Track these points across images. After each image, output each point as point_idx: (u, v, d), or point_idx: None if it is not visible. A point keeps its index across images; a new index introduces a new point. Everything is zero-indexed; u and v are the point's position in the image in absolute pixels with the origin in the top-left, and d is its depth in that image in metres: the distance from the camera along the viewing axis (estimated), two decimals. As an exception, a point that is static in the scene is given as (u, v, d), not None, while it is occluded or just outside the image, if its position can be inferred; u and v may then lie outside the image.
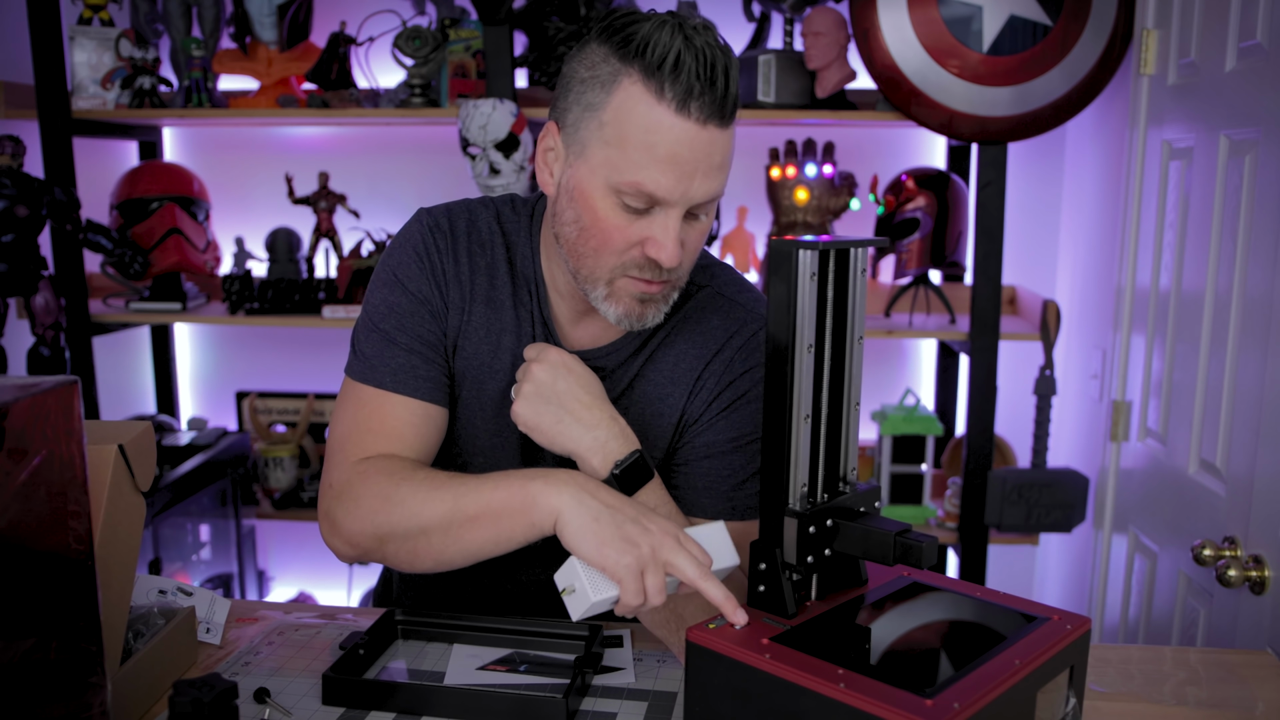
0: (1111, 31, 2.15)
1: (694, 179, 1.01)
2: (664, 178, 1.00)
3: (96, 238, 2.43)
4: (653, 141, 0.99)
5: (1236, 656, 1.22)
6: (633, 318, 1.09)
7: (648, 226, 1.03)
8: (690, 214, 1.05)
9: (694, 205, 1.03)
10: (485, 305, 1.18)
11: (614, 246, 1.05)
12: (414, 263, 1.17)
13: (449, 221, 1.19)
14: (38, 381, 0.79)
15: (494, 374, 1.18)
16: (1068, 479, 2.34)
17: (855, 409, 0.99)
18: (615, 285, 1.07)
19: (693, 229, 1.06)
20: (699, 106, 0.98)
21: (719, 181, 1.03)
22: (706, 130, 0.99)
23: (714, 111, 0.99)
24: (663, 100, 0.98)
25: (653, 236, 1.03)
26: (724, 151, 1.02)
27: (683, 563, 0.95)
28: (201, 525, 2.68)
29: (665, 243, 1.02)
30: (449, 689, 1.05)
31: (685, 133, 0.99)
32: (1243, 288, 1.54)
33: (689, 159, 1.00)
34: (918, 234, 2.41)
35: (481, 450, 1.21)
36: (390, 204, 2.81)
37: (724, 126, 1.01)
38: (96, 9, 2.54)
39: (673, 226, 1.02)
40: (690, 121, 0.99)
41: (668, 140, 0.99)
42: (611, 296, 1.08)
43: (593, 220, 1.04)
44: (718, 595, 0.93)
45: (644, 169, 1.00)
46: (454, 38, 2.43)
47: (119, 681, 0.98)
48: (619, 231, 1.04)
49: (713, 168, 1.01)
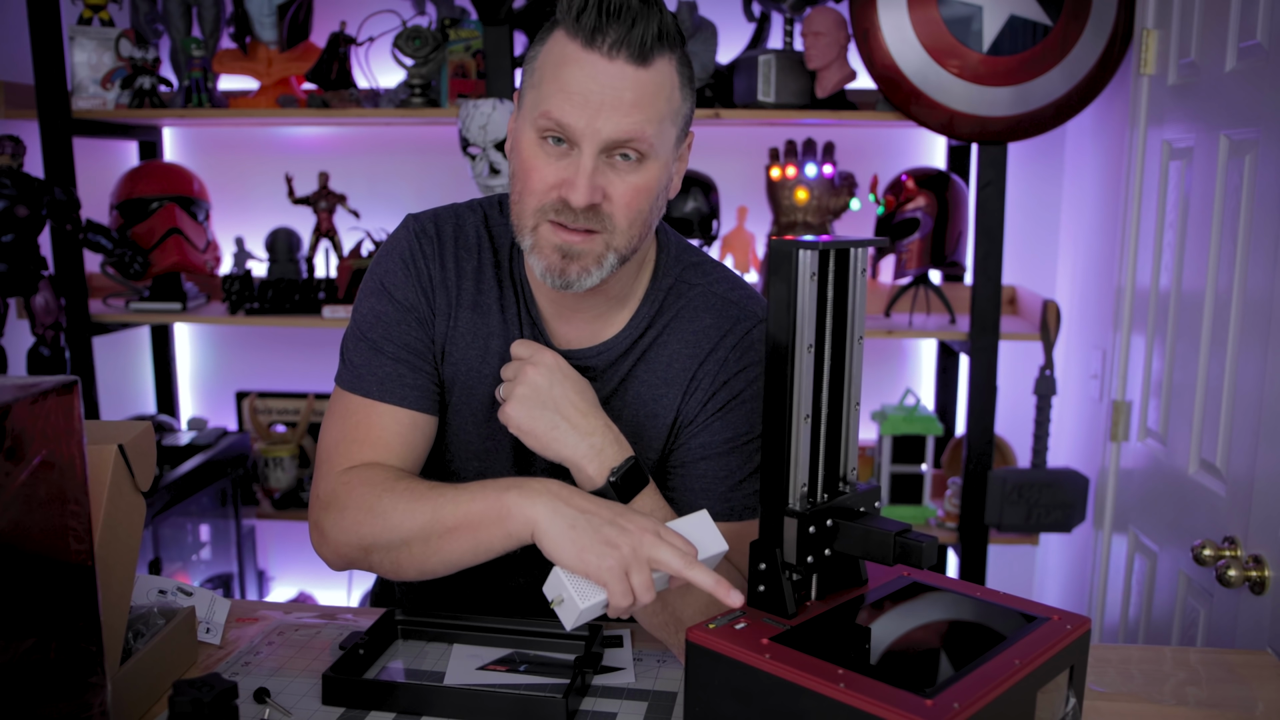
0: (1111, 31, 2.15)
1: (601, 112, 1.01)
2: (571, 107, 1.01)
3: (96, 238, 2.43)
4: (563, 74, 1.02)
5: (1236, 656, 1.22)
6: (554, 273, 1.07)
7: (565, 168, 1.04)
8: (614, 163, 1.04)
9: (607, 144, 1.02)
10: (472, 310, 1.18)
11: (534, 188, 1.05)
12: (400, 270, 1.18)
13: (435, 227, 1.20)
14: (38, 381, 0.79)
15: (483, 379, 1.19)
16: (1068, 479, 2.34)
17: (855, 409, 0.99)
18: (539, 233, 1.07)
19: (620, 180, 1.05)
20: (607, 41, 1.00)
21: (633, 121, 1.02)
22: (615, 64, 1.01)
23: (620, 44, 1.00)
24: (575, 38, 1.02)
25: (566, 177, 1.04)
26: (639, 90, 1.02)
27: (666, 555, 0.95)
28: (201, 525, 2.68)
29: (576, 180, 1.03)
30: (449, 689, 1.05)
31: (593, 65, 1.01)
32: (1243, 288, 1.54)
33: (596, 91, 1.01)
34: (918, 234, 2.41)
35: (474, 455, 1.21)
36: (390, 204, 2.81)
37: (638, 64, 1.01)
38: (96, 9, 2.54)
39: (584, 165, 1.02)
40: (597, 54, 1.01)
41: (577, 73, 1.01)
42: (536, 247, 1.08)
43: (520, 165, 1.07)
44: (707, 581, 0.93)
45: (553, 98, 1.02)
46: (454, 38, 2.43)
47: (119, 681, 0.98)
48: (539, 173, 1.05)
49: (622, 104, 1.01)
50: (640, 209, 1.07)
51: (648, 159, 1.05)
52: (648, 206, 1.07)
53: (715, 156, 2.67)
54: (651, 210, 1.09)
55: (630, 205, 1.06)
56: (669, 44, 1.03)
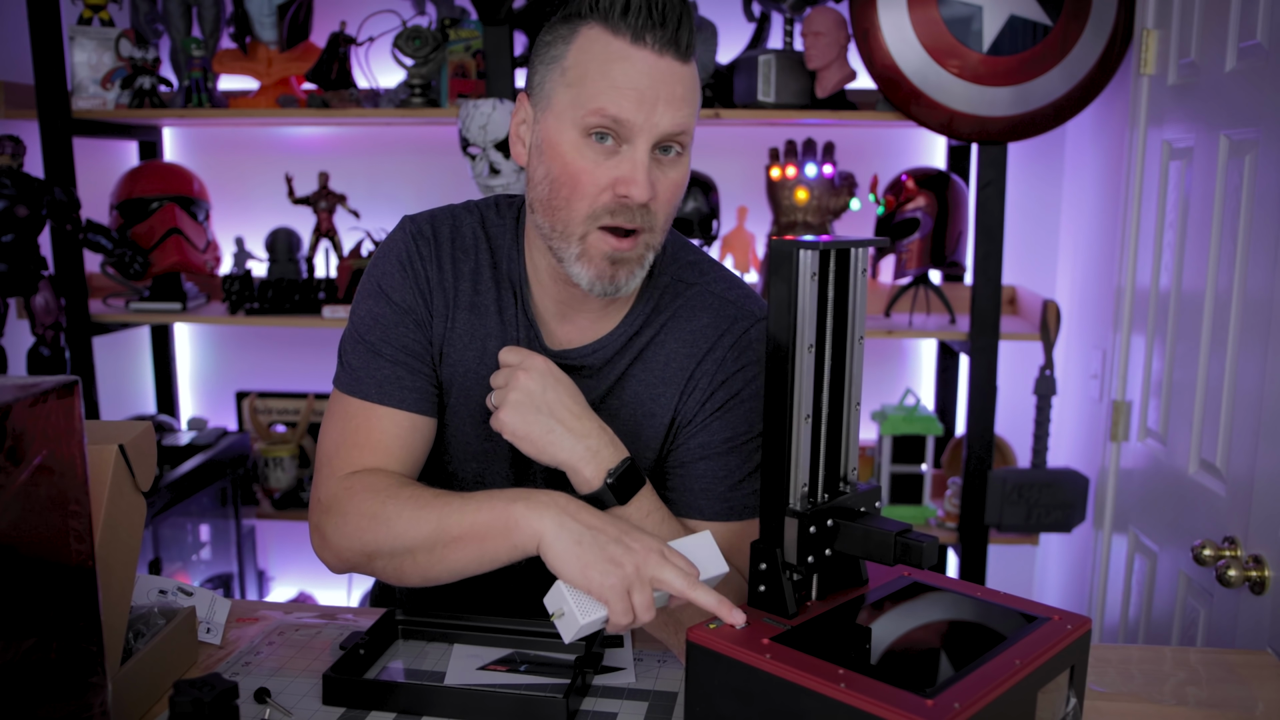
0: (1111, 31, 2.15)
1: (657, 106, 1.02)
2: (627, 102, 1.02)
3: (96, 238, 2.43)
4: (613, 72, 1.02)
5: (1236, 656, 1.22)
6: (605, 280, 1.07)
7: (617, 166, 1.04)
8: (658, 158, 1.05)
9: (661, 137, 1.03)
10: (469, 311, 1.18)
11: (585, 191, 1.04)
12: (398, 272, 1.18)
13: (432, 228, 1.19)
14: (38, 381, 0.79)
15: (480, 380, 1.18)
16: (1068, 479, 2.34)
17: (855, 409, 0.99)
18: (588, 241, 1.06)
19: (664, 176, 1.05)
20: (654, 38, 1.02)
21: (684, 115, 1.04)
22: (664, 60, 1.02)
23: (669, 43, 1.02)
24: (619, 35, 1.02)
25: (622, 175, 1.03)
26: (685, 85, 1.04)
27: (669, 576, 0.95)
28: (201, 525, 2.68)
29: (635, 176, 1.03)
30: (449, 689, 1.05)
31: (644, 61, 1.02)
32: (1243, 288, 1.54)
33: (650, 86, 1.02)
34: (918, 234, 2.41)
35: (473, 456, 1.21)
36: (390, 204, 2.81)
37: (682, 61, 1.04)
38: (96, 9, 2.54)
39: (641, 159, 1.03)
40: (647, 51, 1.02)
41: (627, 70, 1.02)
42: (584, 256, 1.07)
43: (562, 168, 1.05)
44: (710, 602, 0.93)
45: (606, 94, 1.02)
46: (454, 38, 2.43)
47: (119, 681, 0.98)
48: (588, 174, 1.04)
49: (675, 98, 1.03)
50: (675, 203, 1.09)
51: (685, 152, 1.07)
52: (679, 200, 1.10)
53: (715, 156, 2.67)
54: (679, 203, 1.11)
55: (671, 200, 1.08)
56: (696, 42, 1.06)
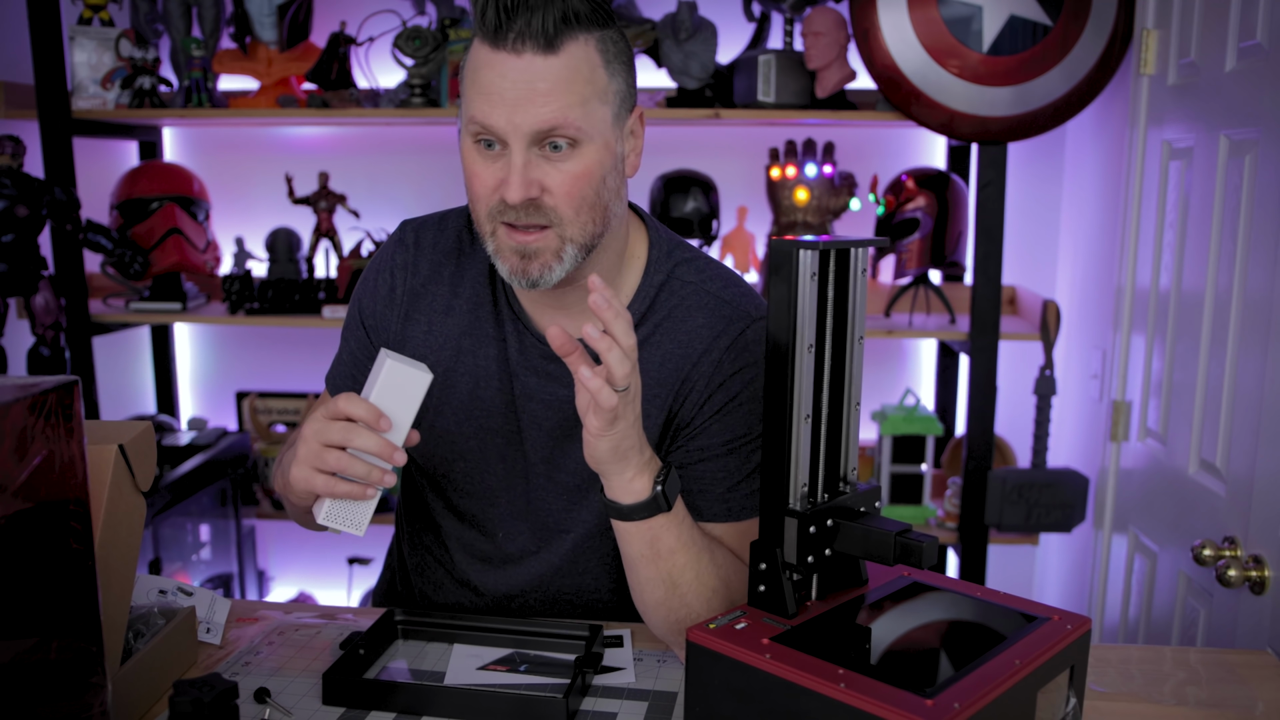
0: (1111, 31, 2.15)
1: (518, 107, 1.02)
2: (490, 107, 1.03)
3: (96, 238, 2.43)
4: (480, 79, 1.04)
5: (1236, 656, 1.22)
6: (518, 274, 1.08)
7: (501, 169, 1.05)
8: (546, 154, 1.04)
9: (532, 136, 1.03)
10: (444, 314, 1.22)
11: (479, 194, 1.07)
12: (373, 278, 1.26)
13: (416, 235, 1.25)
14: (38, 381, 0.79)
15: (459, 377, 1.21)
16: (1068, 479, 2.34)
17: (855, 409, 0.99)
18: (497, 238, 1.09)
19: (555, 170, 1.05)
20: (508, 37, 1.01)
21: (551, 109, 1.02)
22: (523, 58, 1.02)
23: (524, 37, 1.01)
24: (485, 42, 1.03)
25: (502, 176, 1.05)
26: (552, 78, 1.02)
27: (322, 412, 1.01)
28: (201, 525, 2.68)
29: (509, 178, 1.04)
30: (449, 689, 1.06)
31: (501, 64, 1.02)
32: (1243, 288, 1.54)
33: (510, 88, 1.02)
34: (918, 234, 2.41)
35: (460, 455, 1.23)
36: (390, 204, 2.81)
37: (546, 53, 1.02)
38: (96, 9, 2.54)
39: (515, 162, 1.03)
40: (505, 53, 1.02)
41: (489, 75, 1.03)
42: (498, 252, 1.09)
43: (465, 174, 1.09)
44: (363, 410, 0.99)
45: (475, 102, 1.04)
46: (454, 38, 2.43)
47: (119, 681, 0.98)
48: (479, 178, 1.07)
49: (537, 94, 1.02)
50: (584, 195, 1.06)
51: (581, 144, 1.04)
52: (593, 191, 1.06)
53: (715, 156, 2.67)
54: (600, 194, 1.07)
55: (571, 193, 1.05)
56: (580, 25, 1.03)
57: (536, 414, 1.20)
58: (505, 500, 1.25)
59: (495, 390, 1.20)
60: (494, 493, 1.24)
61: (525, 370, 1.19)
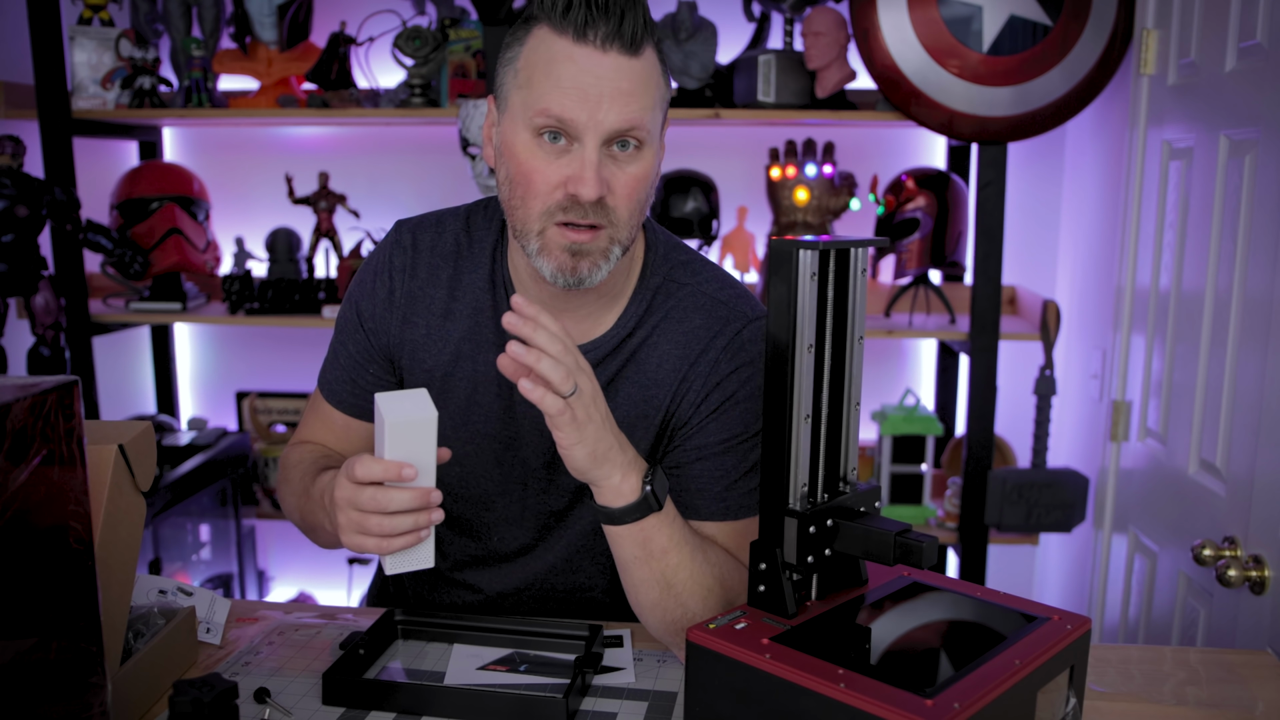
0: (1111, 31, 2.15)
1: (601, 104, 1.02)
2: (570, 101, 1.02)
3: (96, 238, 2.43)
4: (557, 71, 1.02)
5: (1236, 656, 1.22)
6: (566, 272, 1.07)
7: (567, 165, 1.04)
8: (613, 154, 1.05)
9: (610, 134, 1.03)
10: (444, 318, 1.21)
11: (537, 190, 1.05)
12: (370, 281, 1.25)
13: (413, 237, 1.24)
14: (38, 381, 0.79)
15: (457, 382, 1.21)
16: (1068, 479, 2.34)
17: (855, 409, 0.99)
18: (546, 236, 1.07)
19: (621, 171, 1.05)
20: (596, 34, 1.01)
21: (633, 110, 1.03)
22: (609, 56, 1.02)
23: (613, 37, 1.01)
24: (564, 34, 1.02)
25: (572, 173, 1.04)
26: (634, 79, 1.03)
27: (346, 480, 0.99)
28: (201, 525, 2.68)
29: (584, 174, 1.03)
30: (449, 689, 1.06)
31: (587, 59, 1.02)
32: (1243, 288, 1.54)
33: (594, 84, 1.01)
34: (918, 234, 2.41)
35: (455, 460, 1.22)
36: (390, 204, 2.81)
37: (630, 54, 1.02)
38: (96, 9, 2.54)
39: (590, 158, 1.03)
40: (590, 47, 1.01)
41: (571, 69, 1.02)
42: (544, 250, 1.08)
43: (518, 168, 1.06)
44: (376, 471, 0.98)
45: (551, 94, 1.02)
46: (454, 38, 2.43)
47: (119, 681, 0.98)
48: (540, 174, 1.05)
49: (621, 94, 1.02)
50: (640, 198, 1.08)
51: (645, 146, 1.06)
52: (645, 195, 1.09)
53: (715, 156, 2.67)
54: (648, 199, 1.10)
55: (632, 195, 1.07)
56: (651, 32, 1.05)
57: (537, 419, 1.20)
58: (500, 505, 1.25)
59: (493, 396, 1.20)
60: (489, 498, 1.24)
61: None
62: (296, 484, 1.21)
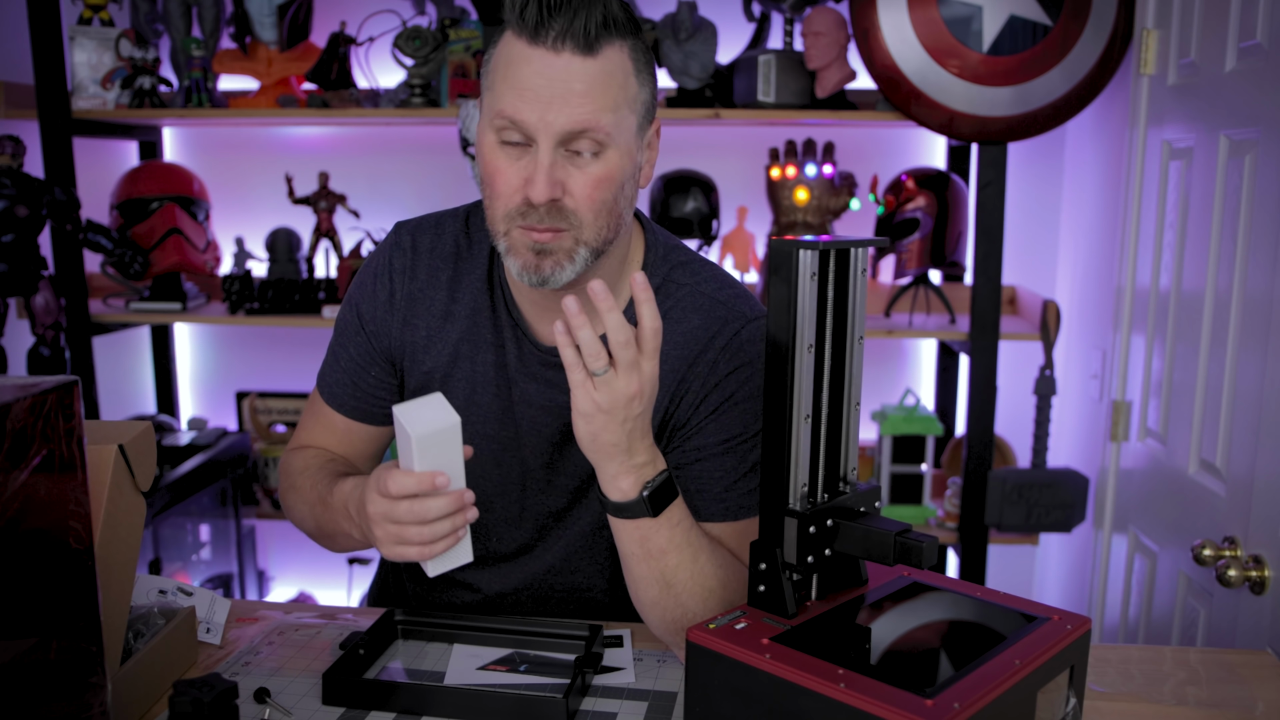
0: (1111, 31, 2.15)
1: (551, 105, 1.01)
2: (523, 103, 1.02)
3: (96, 238, 2.43)
4: (513, 73, 1.02)
5: (1236, 656, 1.22)
6: (530, 270, 1.07)
7: (525, 167, 1.04)
8: (571, 157, 1.04)
9: (562, 136, 1.02)
10: (443, 320, 1.21)
11: (500, 191, 1.06)
12: (371, 283, 1.24)
13: (413, 239, 1.24)
14: (38, 381, 0.79)
15: (455, 383, 1.21)
16: (1068, 479, 2.34)
17: (855, 409, 0.99)
18: (511, 237, 1.07)
19: (579, 173, 1.04)
20: (549, 35, 1.01)
21: (585, 111, 1.02)
22: (562, 58, 1.01)
23: (563, 37, 1.01)
24: (521, 36, 1.02)
25: (528, 175, 1.04)
26: (588, 80, 1.02)
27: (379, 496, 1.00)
28: (201, 525, 2.68)
29: (535, 177, 1.02)
30: (449, 689, 1.06)
31: (539, 60, 1.01)
32: (1243, 288, 1.54)
33: (546, 86, 1.01)
34: (918, 234, 2.41)
35: None
36: (390, 204, 2.81)
37: (584, 54, 1.01)
38: (96, 9, 2.54)
39: (542, 161, 1.02)
40: (543, 49, 1.01)
41: (524, 70, 1.02)
42: (511, 250, 1.08)
43: (484, 168, 1.07)
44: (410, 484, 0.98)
45: (505, 96, 1.03)
46: (454, 38, 2.43)
47: (119, 681, 0.98)
48: (502, 175, 1.05)
49: (572, 95, 1.01)
50: (604, 200, 1.06)
51: (607, 149, 1.04)
52: (611, 197, 1.07)
53: (715, 156, 2.67)
54: (618, 200, 1.08)
55: (592, 197, 1.05)
56: (618, 31, 1.03)
57: (537, 420, 1.20)
58: (499, 506, 1.25)
59: (491, 396, 1.20)
60: (487, 499, 1.24)
61: (525, 377, 1.19)
62: (308, 492, 1.20)
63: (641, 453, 1.02)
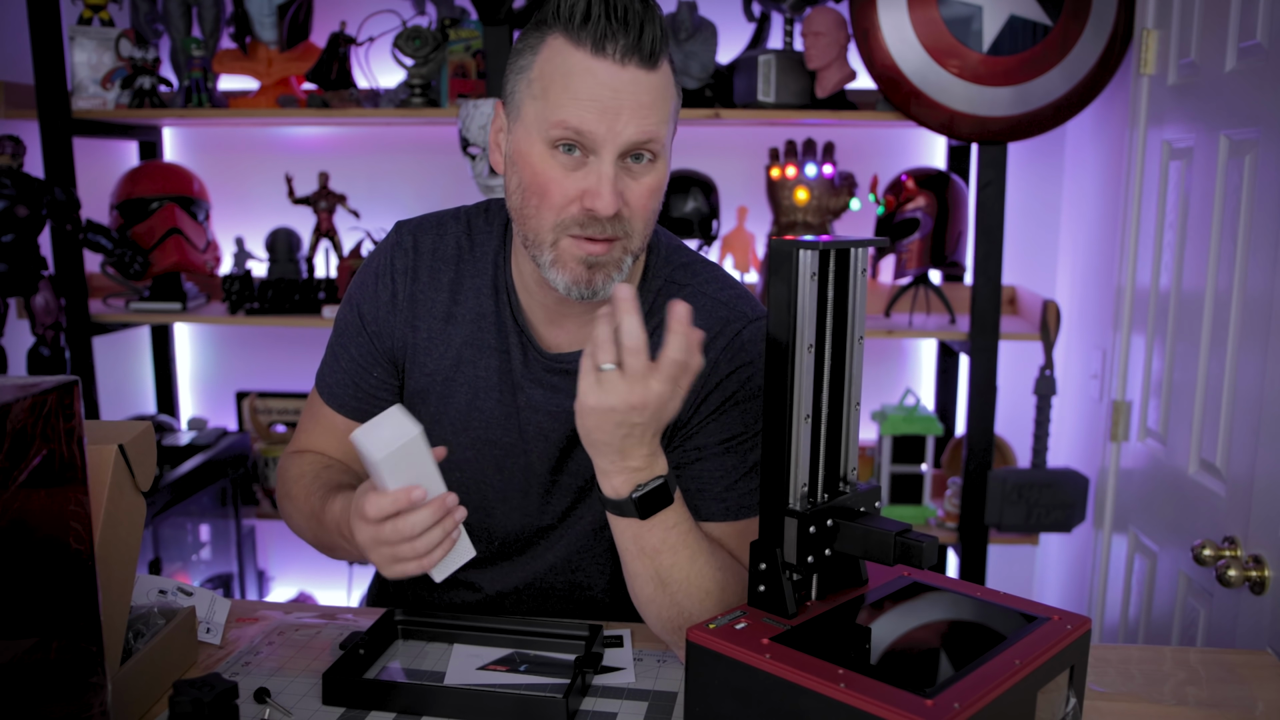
0: (1111, 31, 2.15)
1: (619, 117, 1.01)
2: (588, 114, 1.01)
3: (96, 238, 2.43)
4: (575, 85, 1.01)
5: (1236, 656, 1.22)
6: (581, 285, 1.07)
7: (583, 178, 1.03)
8: (628, 166, 1.04)
9: (627, 148, 1.02)
10: (445, 322, 1.20)
11: (553, 202, 1.05)
12: (372, 283, 1.23)
13: (414, 239, 1.23)
14: (38, 381, 0.79)
15: (458, 387, 1.20)
16: (1068, 479, 2.34)
17: (855, 409, 0.99)
18: (560, 247, 1.06)
19: (635, 183, 1.05)
20: (615, 47, 1.00)
21: (650, 123, 1.02)
22: (627, 70, 1.01)
23: (631, 51, 1.01)
24: (581, 46, 1.01)
25: (589, 187, 1.03)
26: (652, 93, 1.02)
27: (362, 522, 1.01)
28: (201, 525, 2.68)
29: (600, 189, 1.02)
30: (449, 689, 1.06)
31: (605, 72, 1.01)
32: (1243, 288, 1.54)
33: (611, 98, 1.01)
34: (918, 234, 2.41)
35: (456, 465, 1.22)
36: (390, 204, 2.81)
37: (647, 68, 1.02)
38: (96, 9, 2.54)
39: (606, 173, 1.02)
40: (608, 61, 1.01)
41: (589, 82, 1.01)
42: (558, 262, 1.07)
43: (532, 178, 1.05)
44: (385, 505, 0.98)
45: (568, 107, 1.01)
46: (454, 38, 2.43)
47: (119, 681, 0.98)
48: (556, 185, 1.04)
49: (639, 107, 1.02)
50: (653, 209, 1.08)
51: (658, 159, 1.06)
52: (657, 205, 1.09)
53: (715, 156, 2.67)
54: (659, 208, 1.10)
55: (645, 206, 1.06)
56: (667, 44, 1.05)
57: (542, 425, 1.20)
58: (501, 511, 1.25)
59: (494, 401, 1.20)
60: (489, 504, 1.24)
61: (530, 383, 1.19)
62: (303, 503, 1.20)
63: (636, 458, 1.01)
